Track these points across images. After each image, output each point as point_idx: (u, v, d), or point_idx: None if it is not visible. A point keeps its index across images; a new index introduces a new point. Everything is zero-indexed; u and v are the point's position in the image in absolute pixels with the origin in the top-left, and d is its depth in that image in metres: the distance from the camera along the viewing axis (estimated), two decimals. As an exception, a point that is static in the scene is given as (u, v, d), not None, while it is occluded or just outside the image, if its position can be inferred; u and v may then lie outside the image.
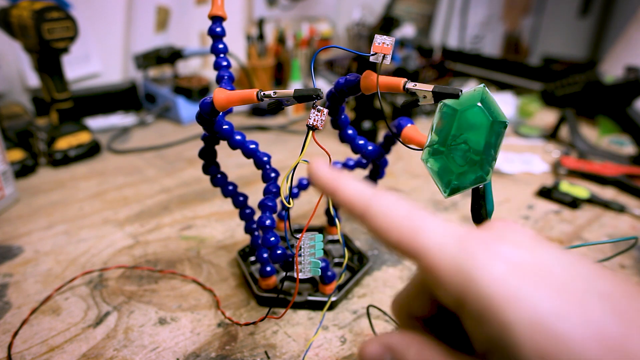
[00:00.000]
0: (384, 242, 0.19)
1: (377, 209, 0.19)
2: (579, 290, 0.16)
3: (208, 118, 0.33)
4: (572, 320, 0.15)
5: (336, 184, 0.21)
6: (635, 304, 0.16)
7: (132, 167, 0.72)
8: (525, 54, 1.97)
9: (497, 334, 0.16)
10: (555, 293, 0.16)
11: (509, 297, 0.16)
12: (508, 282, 0.16)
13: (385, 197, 0.20)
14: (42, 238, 0.52)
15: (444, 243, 0.18)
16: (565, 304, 0.15)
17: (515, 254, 0.17)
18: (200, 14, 1.10)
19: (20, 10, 0.64)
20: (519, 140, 0.88)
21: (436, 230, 0.18)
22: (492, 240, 0.18)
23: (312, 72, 0.31)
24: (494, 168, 0.28)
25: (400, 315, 0.23)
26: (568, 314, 0.15)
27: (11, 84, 0.89)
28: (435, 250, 0.18)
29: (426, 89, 0.28)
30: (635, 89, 0.75)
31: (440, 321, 0.21)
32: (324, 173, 0.22)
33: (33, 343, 0.37)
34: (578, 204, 0.61)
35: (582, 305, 0.15)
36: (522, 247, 0.18)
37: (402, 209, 0.19)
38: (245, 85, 1.05)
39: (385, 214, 0.19)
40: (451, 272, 0.17)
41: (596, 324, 0.15)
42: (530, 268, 0.17)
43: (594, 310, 0.15)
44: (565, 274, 0.17)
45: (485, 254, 0.17)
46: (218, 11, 0.37)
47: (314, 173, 0.22)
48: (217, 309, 0.41)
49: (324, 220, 0.53)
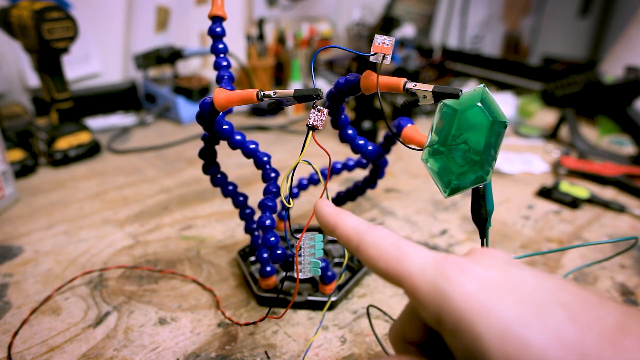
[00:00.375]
0: (374, 270, 0.22)
1: (369, 240, 0.23)
2: (542, 301, 0.18)
3: (208, 118, 0.33)
4: (534, 327, 0.17)
5: (335, 221, 0.25)
6: (592, 311, 0.17)
7: (132, 167, 0.72)
8: (525, 54, 1.97)
9: (470, 345, 0.18)
10: (519, 304, 0.18)
11: (479, 310, 0.18)
12: (478, 297, 0.18)
13: (377, 230, 0.23)
14: (42, 238, 0.52)
15: (424, 267, 0.20)
16: (528, 313, 0.17)
17: (486, 274, 0.19)
18: (200, 14, 1.10)
19: (20, 10, 0.64)
20: (519, 140, 0.88)
21: (418, 257, 0.21)
22: (465, 264, 0.20)
23: (312, 72, 0.31)
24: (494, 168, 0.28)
25: (397, 341, 0.25)
26: (530, 322, 0.17)
27: (11, 84, 0.89)
28: (416, 274, 0.20)
29: (426, 89, 0.28)
30: (635, 89, 0.75)
31: (432, 345, 0.23)
32: (327, 210, 0.25)
33: (33, 343, 0.37)
34: (578, 204, 0.61)
35: (543, 313, 0.17)
36: (493, 267, 0.20)
37: (390, 240, 0.22)
38: (245, 85, 1.05)
39: (375, 244, 0.22)
40: (429, 292, 0.19)
41: (555, 330, 0.17)
42: (498, 284, 0.19)
43: (554, 318, 0.17)
44: (530, 288, 0.18)
45: (459, 275, 0.19)
46: (218, 11, 0.36)
47: (318, 211, 0.26)
48: (217, 309, 0.41)
49: (324, 220, 0.53)
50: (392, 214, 0.59)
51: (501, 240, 0.53)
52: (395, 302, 0.42)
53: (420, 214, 0.59)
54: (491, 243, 0.52)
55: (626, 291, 0.45)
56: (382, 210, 0.59)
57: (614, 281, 0.46)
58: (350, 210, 0.59)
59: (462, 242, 0.53)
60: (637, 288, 0.45)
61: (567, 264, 0.49)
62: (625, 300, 0.44)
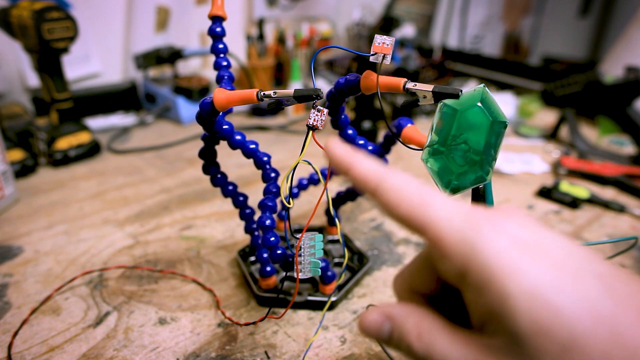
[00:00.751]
0: (393, 216, 0.20)
1: (389, 184, 0.20)
2: (576, 269, 0.17)
3: (208, 118, 0.33)
4: (567, 294, 0.16)
5: (351, 160, 0.22)
6: (627, 286, 0.17)
7: (132, 167, 0.72)
8: (525, 54, 1.97)
9: (496, 304, 0.17)
10: (553, 269, 0.17)
11: (510, 269, 0.17)
12: (510, 255, 0.17)
13: (398, 174, 0.21)
14: (42, 238, 0.52)
15: (451, 216, 0.19)
16: (562, 279, 0.16)
17: (519, 231, 0.18)
18: (200, 14, 1.10)
19: (20, 10, 0.64)
20: (519, 140, 0.88)
21: (444, 205, 0.19)
22: (497, 218, 0.19)
23: (312, 72, 0.31)
24: (494, 168, 0.28)
25: (402, 290, 0.23)
26: (564, 288, 0.16)
27: (11, 84, 0.89)
28: (442, 223, 0.19)
29: (426, 89, 0.28)
30: (635, 89, 0.75)
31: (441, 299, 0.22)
32: (340, 150, 0.23)
33: (33, 343, 0.37)
34: (578, 204, 0.61)
35: (577, 281, 0.16)
36: (525, 226, 0.19)
37: (413, 185, 0.20)
38: (245, 85, 1.05)
39: (396, 188, 0.20)
40: (456, 243, 0.18)
41: (589, 300, 0.16)
42: (531, 245, 0.18)
43: (588, 287, 0.16)
44: (563, 254, 0.18)
45: (490, 229, 0.18)
46: (218, 11, 0.37)
47: (330, 150, 0.23)
48: (217, 309, 0.41)
49: (324, 220, 0.53)
50: (392, 214, 0.59)
51: (501, 240, 0.53)
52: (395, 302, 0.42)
53: (420, 214, 0.59)
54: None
55: (626, 291, 0.45)
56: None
57: (614, 281, 0.46)
58: (350, 210, 0.59)
59: (462, 242, 0.53)
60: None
61: (567, 264, 0.49)
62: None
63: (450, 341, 0.19)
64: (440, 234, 0.19)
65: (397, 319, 0.20)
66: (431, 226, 0.19)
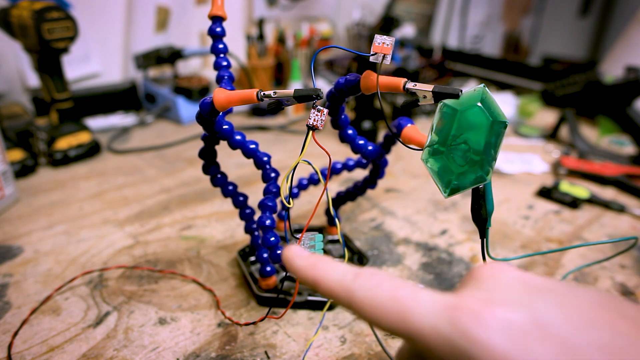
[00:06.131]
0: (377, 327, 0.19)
1: (361, 297, 0.19)
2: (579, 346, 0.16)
3: (208, 118, 0.33)
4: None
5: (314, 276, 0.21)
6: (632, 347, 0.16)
7: (132, 167, 0.72)
8: (525, 54, 1.97)
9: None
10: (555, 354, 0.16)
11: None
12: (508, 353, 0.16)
13: (366, 281, 0.20)
14: (42, 238, 0.52)
15: (435, 323, 0.17)
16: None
17: (508, 317, 0.17)
18: (200, 14, 1.10)
19: (20, 10, 0.64)
20: (519, 140, 0.88)
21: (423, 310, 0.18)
22: (481, 309, 0.17)
23: (312, 72, 0.31)
24: (494, 168, 0.28)
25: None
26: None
27: (11, 84, 0.89)
28: (428, 332, 0.17)
29: (426, 89, 0.28)
30: (635, 89, 0.75)
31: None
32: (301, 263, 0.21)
33: (33, 343, 0.37)
34: (578, 204, 0.61)
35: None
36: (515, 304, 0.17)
37: (385, 291, 0.19)
38: (245, 85, 1.05)
39: (369, 300, 0.19)
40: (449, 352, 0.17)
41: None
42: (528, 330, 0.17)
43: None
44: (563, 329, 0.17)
45: (479, 329, 0.17)
46: (218, 11, 0.37)
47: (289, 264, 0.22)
48: (217, 309, 0.41)
49: (324, 220, 0.53)
50: (392, 214, 0.59)
51: (501, 240, 0.53)
52: None
53: (420, 214, 0.59)
54: (491, 243, 0.53)
55: (626, 291, 0.45)
56: (382, 210, 0.59)
57: (614, 281, 0.46)
58: (350, 210, 0.59)
59: (462, 242, 0.53)
60: (637, 288, 0.45)
61: (567, 264, 0.49)
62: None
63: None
64: (429, 345, 0.18)
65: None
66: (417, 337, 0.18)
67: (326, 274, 0.21)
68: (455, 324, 0.17)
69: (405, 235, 0.54)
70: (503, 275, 0.19)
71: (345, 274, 0.20)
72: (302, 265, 0.21)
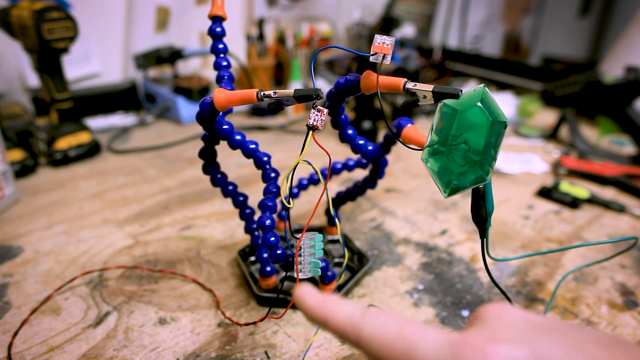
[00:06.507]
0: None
1: (369, 335, 0.20)
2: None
3: (208, 118, 0.33)
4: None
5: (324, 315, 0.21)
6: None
7: (132, 167, 0.72)
8: (525, 54, 1.97)
9: None
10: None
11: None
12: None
13: (373, 318, 0.20)
14: (42, 238, 0.52)
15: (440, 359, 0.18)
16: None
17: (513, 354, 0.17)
18: (200, 14, 1.10)
19: (20, 10, 0.64)
20: (519, 140, 0.88)
21: (429, 347, 0.18)
22: (485, 347, 0.18)
23: (312, 72, 0.31)
24: (494, 168, 0.28)
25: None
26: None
27: (11, 84, 0.89)
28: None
29: (426, 89, 0.28)
30: (635, 89, 0.75)
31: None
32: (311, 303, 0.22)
33: (33, 343, 0.37)
34: (578, 204, 0.61)
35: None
36: (518, 342, 0.18)
37: (392, 328, 0.19)
38: (245, 85, 1.05)
39: (377, 337, 0.19)
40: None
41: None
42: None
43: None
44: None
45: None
46: (218, 11, 0.37)
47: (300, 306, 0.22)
48: (217, 309, 0.41)
49: (324, 220, 0.53)
50: (392, 214, 0.59)
51: (501, 240, 0.53)
52: (395, 302, 0.42)
53: (420, 214, 0.59)
54: (491, 243, 0.53)
55: (626, 291, 0.45)
56: (382, 210, 0.59)
57: (614, 281, 0.46)
58: (350, 210, 0.59)
59: (462, 242, 0.53)
60: (637, 288, 0.45)
61: (567, 264, 0.49)
62: (625, 300, 0.44)
63: None
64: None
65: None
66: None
67: (335, 312, 0.21)
68: (459, 359, 0.17)
69: (405, 235, 0.54)
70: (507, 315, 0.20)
71: (353, 312, 0.21)
72: (312, 304, 0.22)
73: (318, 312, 0.22)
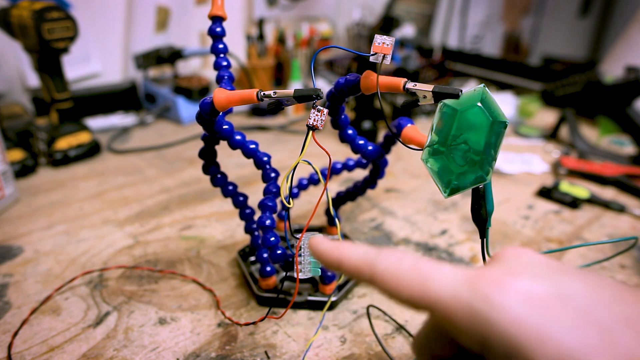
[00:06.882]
0: (397, 301, 0.19)
1: (383, 270, 0.19)
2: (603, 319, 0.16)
3: (208, 118, 0.33)
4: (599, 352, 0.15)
5: (338, 255, 0.21)
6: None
7: (132, 167, 0.72)
8: (525, 54, 1.97)
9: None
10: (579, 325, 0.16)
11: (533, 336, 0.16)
12: (530, 320, 0.16)
13: (388, 255, 0.20)
14: (42, 238, 0.52)
15: (456, 290, 0.17)
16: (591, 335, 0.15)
17: (531, 287, 0.17)
18: (200, 14, 1.10)
19: (20, 10, 0.64)
20: (519, 140, 0.88)
21: (445, 278, 0.18)
22: (505, 278, 0.17)
23: (312, 72, 0.31)
24: (494, 168, 0.28)
25: (422, 356, 0.22)
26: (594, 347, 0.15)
27: (11, 84, 0.89)
28: (448, 299, 0.17)
29: (426, 89, 0.28)
30: (635, 89, 0.75)
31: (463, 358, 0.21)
32: (325, 246, 0.22)
33: (33, 343, 0.37)
34: (578, 204, 0.61)
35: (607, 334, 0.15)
36: (539, 277, 0.17)
37: (407, 263, 0.19)
38: (245, 85, 1.05)
39: (391, 272, 0.19)
40: (468, 318, 0.17)
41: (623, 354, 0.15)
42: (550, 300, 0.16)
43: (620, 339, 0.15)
44: (587, 302, 0.16)
45: (501, 295, 0.17)
46: (218, 11, 0.37)
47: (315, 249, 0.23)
48: (217, 309, 0.41)
49: (324, 220, 0.53)
50: (392, 214, 0.59)
51: (501, 240, 0.53)
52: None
53: (420, 214, 0.59)
54: (491, 243, 0.53)
55: (626, 291, 0.45)
56: (382, 210, 0.59)
57: (614, 281, 0.46)
58: (350, 210, 0.59)
59: (462, 242, 0.53)
60: (637, 288, 0.45)
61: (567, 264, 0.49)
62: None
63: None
64: (449, 312, 0.17)
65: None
66: (438, 306, 0.18)
67: (350, 252, 0.21)
68: (476, 290, 0.17)
69: (405, 235, 0.54)
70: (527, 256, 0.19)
71: (367, 251, 0.21)
72: (326, 248, 0.22)
73: (332, 254, 0.22)
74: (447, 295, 0.17)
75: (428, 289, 0.18)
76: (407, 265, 0.19)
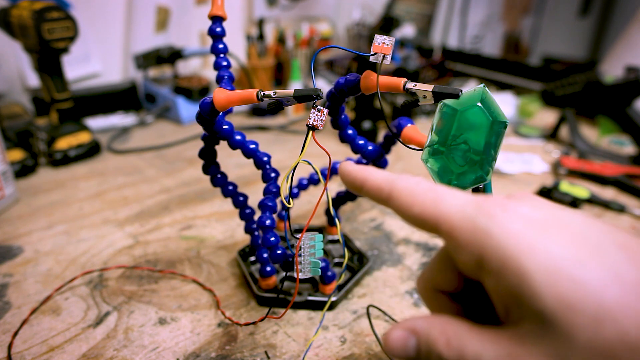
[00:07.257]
0: (408, 217, 0.21)
1: (401, 187, 0.21)
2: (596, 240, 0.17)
3: (208, 118, 0.33)
4: (590, 266, 0.16)
5: (364, 175, 0.23)
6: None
7: (132, 167, 0.72)
8: (525, 54, 1.97)
9: (517, 286, 0.16)
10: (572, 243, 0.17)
11: (526, 248, 0.16)
12: (525, 234, 0.17)
13: (409, 177, 0.22)
14: (42, 238, 0.52)
15: (464, 207, 0.19)
16: (582, 251, 0.16)
17: (533, 212, 0.18)
18: (200, 14, 1.10)
19: (20, 10, 0.64)
20: (519, 140, 0.88)
21: (456, 198, 0.20)
22: (510, 202, 0.19)
23: (312, 72, 0.31)
24: (494, 168, 0.28)
25: (426, 291, 0.23)
26: (585, 261, 0.16)
27: (11, 84, 0.89)
28: (454, 215, 0.19)
29: (426, 89, 0.28)
30: (635, 89, 0.75)
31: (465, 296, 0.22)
32: (354, 168, 0.24)
33: (33, 343, 0.37)
34: (578, 204, 0.61)
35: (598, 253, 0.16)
36: (539, 207, 0.19)
37: (424, 185, 0.21)
38: (245, 85, 1.05)
39: (408, 191, 0.21)
40: (470, 232, 0.18)
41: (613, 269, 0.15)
42: (547, 223, 0.18)
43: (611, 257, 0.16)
44: (581, 227, 0.17)
45: (503, 213, 0.18)
46: (218, 11, 0.37)
47: (344, 170, 0.25)
48: (217, 309, 0.41)
49: (324, 220, 0.53)
50: (392, 214, 0.59)
51: (501, 240, 0.53)
52: (395, 302, 0.42)
53: (420, 214, 0.59)
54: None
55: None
56: (382, 210, 0.59)
57: (614, 281, 0.46)
58: (350, 210, 0.59)
59: (462, 242, 0.53)
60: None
61: (567, 264, 0.49)
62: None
63: (480, 341, 0.18)
64: (453, 226, 0.19)
65: (421, 331, 0.20)
66: (444, 220, 0.19)
67: (374, 172, 0.23)
68: (481, 207, 0.19)
69: (405, 235, 0.54)
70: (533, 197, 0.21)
71: (390, 174, 0.23)
72: (354, 168, 0.24)
73: (358, 174, 0.23)
74: (455, 211, 0.19)
75: (439, 205, 0.19)
76: (424, 185, 0.21)
